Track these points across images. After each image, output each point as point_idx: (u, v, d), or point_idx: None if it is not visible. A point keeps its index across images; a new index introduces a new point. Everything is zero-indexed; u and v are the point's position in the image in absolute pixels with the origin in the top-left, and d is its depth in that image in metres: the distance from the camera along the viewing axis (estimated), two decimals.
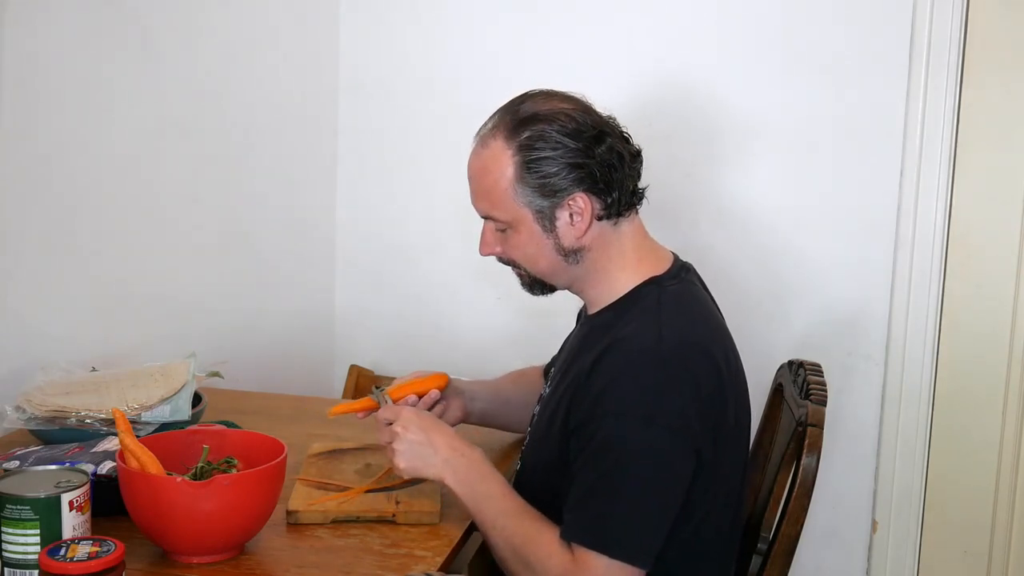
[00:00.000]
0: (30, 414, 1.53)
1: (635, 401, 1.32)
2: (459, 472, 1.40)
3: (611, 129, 1.44)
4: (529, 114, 1.41)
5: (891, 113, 2.26)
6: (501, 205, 1.42)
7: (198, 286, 2.17)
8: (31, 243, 1.75)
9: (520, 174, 1.40)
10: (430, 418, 1.46)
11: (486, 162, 1.43)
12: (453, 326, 2.58)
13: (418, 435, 1.42)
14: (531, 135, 1.39)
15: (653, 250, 1.50)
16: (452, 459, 1.41)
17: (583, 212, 1.40)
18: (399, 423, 1.43)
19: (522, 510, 1.39)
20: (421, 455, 1.41)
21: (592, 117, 1.43)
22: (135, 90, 1.93)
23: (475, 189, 1.46)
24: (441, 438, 1.42)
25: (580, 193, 1.40)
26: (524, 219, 1.42)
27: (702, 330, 1.42)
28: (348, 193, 2.62)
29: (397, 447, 1.41)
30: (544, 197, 1.40)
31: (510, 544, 1.37)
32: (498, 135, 1.42)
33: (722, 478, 1.41)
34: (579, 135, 1.39)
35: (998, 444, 2.32)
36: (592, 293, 1.49)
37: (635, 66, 2.37)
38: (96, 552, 1.10)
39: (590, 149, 1.39)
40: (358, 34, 2.54)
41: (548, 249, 1.44)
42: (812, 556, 2.35)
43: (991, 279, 2.28)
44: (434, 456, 1.41)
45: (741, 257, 2.37)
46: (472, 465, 1.41)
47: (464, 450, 1.42)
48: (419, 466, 1.42)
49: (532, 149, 1.39)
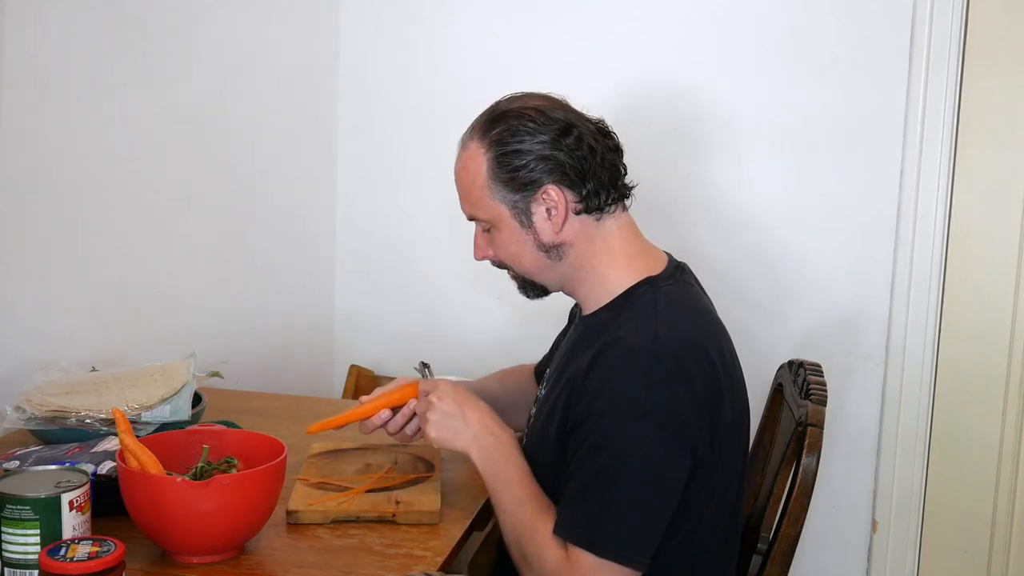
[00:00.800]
0: (30, 414, 1.53)
1: (630, 400, 1.32)
2: (486, 449, 1.42)
3: (582, 123, 1.45)
4: (501, 112, 1.44)
5: (891, 113, 2.26)
6: (480, 204, 1.45)
7: (198, 286, 2.17)
8: (31, 243, 1.75)
9: (493, 170, 1.42)
10: (466, 392, 1.47)
11: (465, 163, 1.46)
12: (452, 326, 2.58)
13: (452, 407, 1.43)
14: (501, 130, 1.42)
15: (646, 250, 1.50)
16: (481, 435, 1.42)
17: (557, 205, 1.42)
18: (435, 393, 1.45)
19: (531, 499, 1.39)
20: (452, 426, 1.43)
21: (563, 112, 1.44)
22: (135, 90, 1.93)
23: (459, 191, 1.49)
24: (475, 413, 1.44)
25: (551, 185, 1.41)
26: (503, 216, 1.44)
27: (697, 328, 1.41)
28: (348, 193, 2.62)
29: (431, 416, 1.43)
30: (516, 191, 1.42)
31: (514, 532, 1.38)
32: (474, 136, 1.45)
33: (719, 477, 1.41)
34: (546, 128, 1.41)
35: (998, 444, 2.32)
36: (583, 292, 1.49)
37: (635, 66, 2.37)
38: (96, 552, 1.10)
39: (558, 141, 1.41)
40: (358, 35, 2.54)
41: (529, 246, 1.45)
42: (812, 556, 2.35)
43: (991, 279, 2.28)
44: (465, 429, 1.43)
45: (741, 257, 2.37)
46: (499, 445, 1.43)
47: (495, 429, 1.44)
48: (448, 436, 1.43)
49: (502, 144, 1.42)
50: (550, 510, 1.37)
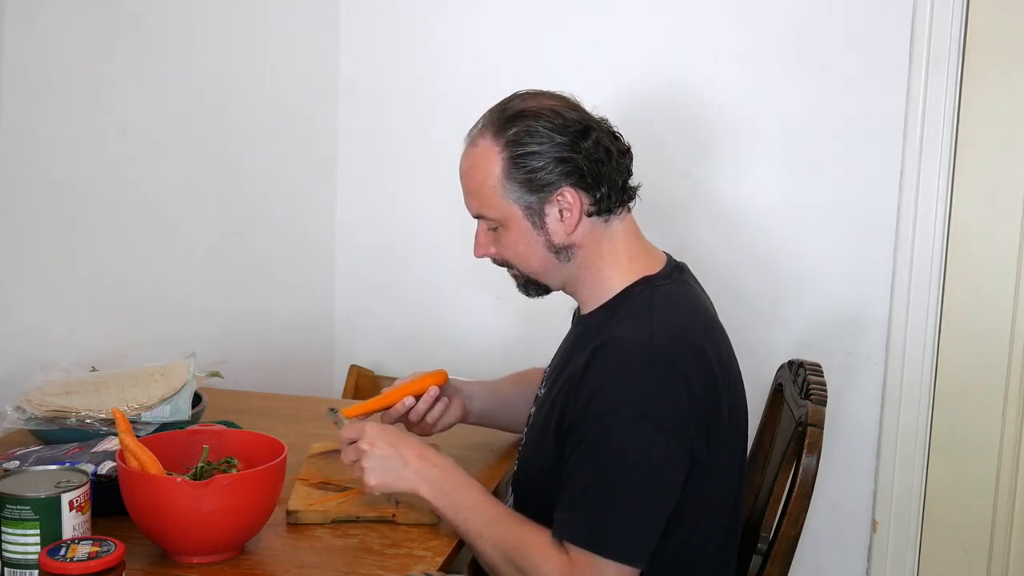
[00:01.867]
0: (30, 414, 1.53)
1: (627, 401, 1.32)
2: (433, 482, 1.38)
3: (598, 124, 1.45)
4: (516, 111, 1.42)
5: (891, 113, 2.26)
6: (490, 203, 1.43)
7: (198, 286, 2.17)
8: (31, 243, 1.75)
9: (508, 170, 1.41)
10: (395, 431, 1.44)
11: (475, 160, 1.44)
12: (453, 326, 2.58)
13: (386, 449, 1.39)
14: (518, 131, 1.40)
15: (646, 250, 1.50)
16: (423, 469, 1.39)
17: (572, 207, 1.41)
18: (364, 440, 1.40)
19: (506, 516, 1.38)
20: (391, 469, 1.38)
21: (579, 113, 1.44)
22: (135, 90, 1.93)
23: (466, 188, 1.47)
24: (410, 450, 1.40)
25: (568, 187, 1.40)
26: (514, 216, 1.43)
27: (693, 327, 1.41)
28: (348, 194, 2.62)
29: (366, 464, 1.38)
30: (532, 192, 1.41)
31: (501, 551, 1.35)
32: (486, 133, 1.43)
33: (718, 477, 1.41)
34: (565, 130, 1.40)
35: (998, 444, 2.32)
36: (584, 292, 1.49)
37: (635, 67, 2.37)
38: (96, 552, 1.10)
39: (576, 144, 1.40)
40: (358, 36, 2.54)
41: (539, 247, 1.44)
42: (812, 556, 2.35)
43: (991, 279, 2.28)
44: (405, 469, 1.39)
45: (741, 257, 2.37)
46: (446, 474, 1.40)
47: (435, 459, 1.41)
48: (390, 481, 1.39)
49: (519, 144, 1.40)
50: (528, 520, 1.36)
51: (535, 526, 1.36)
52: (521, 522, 1.37)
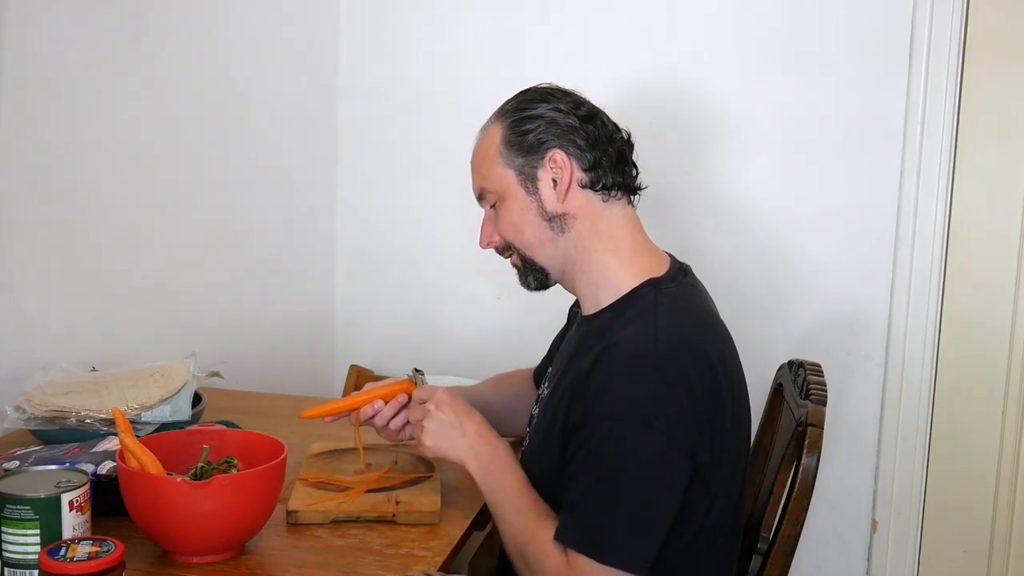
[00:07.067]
0: (30, 414, 1.53)
1: (630, 405, 1.32)
2: (482, 460, 1.42)
3: (601, 114, 1.49)
4: (523, 92, 1.50)
5: (891, 113, 2.26)
6: (490, 174, 1.48)
7: (198, 286, 2.17)
8: (31, 243, 1.75)
9: (506, 137, 1.46)
10: (464, 403, 1.47)
11: (481, 142, 1.50)
12: (453, 326, 2.58)
13: (450, 416, 1.43)
14: (519, 103, 1.48)
15: (649, 249, 1.49)
16: (478, 446, 1.42)
17: (563, 170, 1.44)
18: (432, 401, 1.45)
19: (530, 508, 1.39)
20: (449, 436, 1.43)
21: (585, 103, 1.49)
22: (135, 90, 1.93)
23: (472, 169, 1.52)
24: (471, 424, 1.44)
25: (557, 149, 1.44)
26: (509, 183, 1.46)
27: (698, 332, 1.41)
28: (348, 193, 2.62)
29: (427, 424, 1.43)
30: (523, 154, 1.45)
31: (515, 541, 1.38)
32: (495, 119, 1.50)
33: (720, 481, 1.40)
34: (565, 102, 1.46)
35: (998, 443, 2.32)
36: (584, 282, 1.48)
37: (634, 67, 2.37)
38: (96, 552, 1.10)
39: (571, 114, 1.45)
40: (359, 36, 2.55)
41: (532, 214, 1.46)
42: (812, 556, 2.35)
43: (991, 279, 2.28)
44: (462, 440, 1.43)
45: (741, 257, 2.37)
46: (496, 456, 1.42)
47: (492, 440, 1.44)
48: (444, 446, 1.43)
49: (517, 111, 1.47)
50: (550, 516, 1.37)
51: (549, 523, 1.36)
52: (539, 516, 1.38)
